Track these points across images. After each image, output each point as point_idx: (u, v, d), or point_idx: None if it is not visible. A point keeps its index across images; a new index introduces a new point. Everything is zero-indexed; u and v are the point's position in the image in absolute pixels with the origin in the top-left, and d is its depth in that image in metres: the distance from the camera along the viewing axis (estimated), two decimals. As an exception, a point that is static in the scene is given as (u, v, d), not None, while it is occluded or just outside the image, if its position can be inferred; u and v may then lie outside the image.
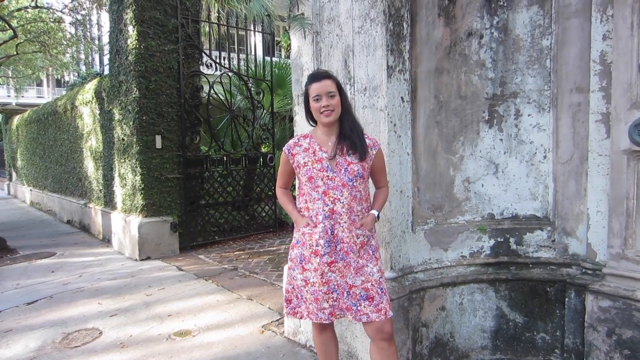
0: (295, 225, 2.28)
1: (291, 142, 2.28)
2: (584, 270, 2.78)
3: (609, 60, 2.57)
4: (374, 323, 2.13)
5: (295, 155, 2.22)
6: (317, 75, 2.21)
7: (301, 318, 2.23)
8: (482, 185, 3.03)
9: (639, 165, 2.43)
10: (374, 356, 2.20)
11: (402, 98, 2.77)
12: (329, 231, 2.13)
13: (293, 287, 2.24)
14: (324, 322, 2.17)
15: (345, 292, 2.15)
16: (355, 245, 2.14)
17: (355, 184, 2.14)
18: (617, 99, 2.49)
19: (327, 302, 2.13)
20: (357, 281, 2.13)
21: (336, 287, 2.14)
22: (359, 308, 2.13)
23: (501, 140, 2.99)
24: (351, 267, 2.14)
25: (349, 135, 2.16)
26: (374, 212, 2.25)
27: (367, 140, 2.21)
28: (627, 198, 2.47)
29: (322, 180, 2.14)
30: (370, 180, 2.35)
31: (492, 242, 3.01)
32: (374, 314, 2.11)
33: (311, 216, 2.18)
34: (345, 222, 2.13)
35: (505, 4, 2.92)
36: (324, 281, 2.12)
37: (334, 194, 2.13)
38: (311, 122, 2.30)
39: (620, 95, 2.47)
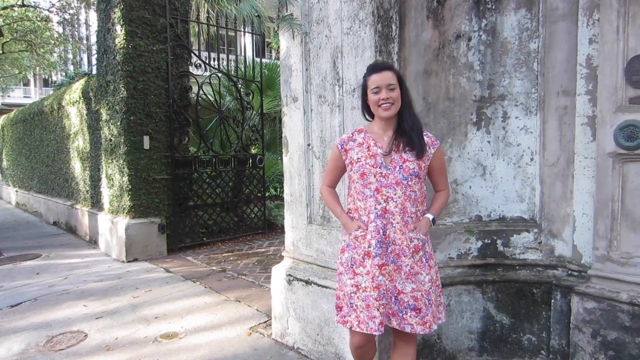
0: (345, 229, 2.16)
1: (345, 137, 2.17)
2: (569, 272, 2.80)
3: (595, 63, 2.60)
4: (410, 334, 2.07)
5: (349, 151, 2.11)
6: (377, 66, 2.08)
7: (351, 328, 2.06)
8: (470, 187, 3.04)
9: (624, 168, 2.46)
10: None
11: (390, 100, 2.77)
12: (381, 231, 2.01)
13: (344, 294, 2.09)
14: (375, 333, 1.99)
15: (393, 297, 2.03)
16: (408, 248, 2.02)
17: (409, 182, 2.03)
18: (602, 102, 2.51)
19: (378, 309, 1.98)
20: (407, 287, 2.01)
21: (385, 292, 2.01)
22: (404, 316, 2.02)
23: (489, 142, 3.01)
24: (402, 271, 2.02)
25: (407, 131, 2.04)
26: (429, 215, 2.12)
27: (425, 138, 2.09)
28: (612, 200, 2.49)
29: (374, 176, 2.02)
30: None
31: (480, 243, 3.02)
32: (419, 326, 2.01)
33: (361, 216, 2.07)
34: (398, 223, 2.01)
35: (494, 7, 2.94)
36: (374, 285, 1.98)
37: (387, 192, 2.01)
38: (367, 116, 2.19)
39: (606, 98, 2.49)
